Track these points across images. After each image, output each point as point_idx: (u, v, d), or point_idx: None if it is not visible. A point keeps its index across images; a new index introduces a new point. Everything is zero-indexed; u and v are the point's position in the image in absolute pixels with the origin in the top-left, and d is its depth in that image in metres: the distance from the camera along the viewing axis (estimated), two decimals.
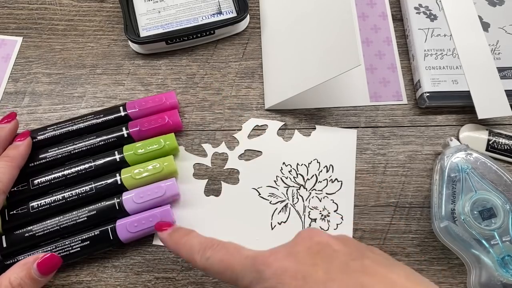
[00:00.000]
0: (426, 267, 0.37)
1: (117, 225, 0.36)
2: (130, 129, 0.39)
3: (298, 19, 0.43)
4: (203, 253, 0.29)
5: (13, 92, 0.43)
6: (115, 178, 0.37)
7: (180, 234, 0.32)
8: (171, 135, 0.39)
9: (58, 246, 0.35)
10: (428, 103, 0.41)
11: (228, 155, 0.41)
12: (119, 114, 0.40)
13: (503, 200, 0.35)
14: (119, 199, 0.36)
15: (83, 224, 0.36)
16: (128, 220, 0.36)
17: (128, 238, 0.36)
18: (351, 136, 0.41)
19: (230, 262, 0.28)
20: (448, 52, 0.42)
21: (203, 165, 0.40)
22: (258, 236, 0.38)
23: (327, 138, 0.41)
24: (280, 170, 0.40)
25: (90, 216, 0.36)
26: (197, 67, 0.44)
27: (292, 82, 0.41)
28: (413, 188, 0.40)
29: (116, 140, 0.39)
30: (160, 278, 0.37)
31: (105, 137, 0.39)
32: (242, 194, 0.39)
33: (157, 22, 0.44)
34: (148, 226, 0.36)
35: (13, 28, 0.46)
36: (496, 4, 0.45)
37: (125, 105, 0.40)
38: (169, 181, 0.37)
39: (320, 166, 0.40)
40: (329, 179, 0.40)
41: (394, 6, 0.47)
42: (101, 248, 0.36)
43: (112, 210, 0.36)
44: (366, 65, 0.44)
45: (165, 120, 0.39)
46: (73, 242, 0.35)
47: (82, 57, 0.45)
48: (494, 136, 0.40)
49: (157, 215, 0.36)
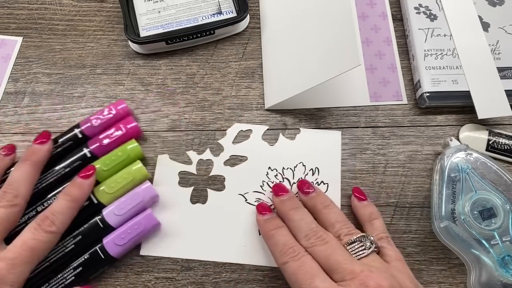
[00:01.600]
0: (426, 267, 0.37)
1: (104, 242, 0.35)
2: (91, 147, 0.38)
3: (298, 19, 0.43)
4: (283, 256, 0.32)
5: (13, 92, 0.43)
6: (91, 199, 0.36)
7: (272, 224, 0.35)
8: (132, 141, 0.39)
9: (51, 282, 0.34)
10: (428, 103, 0.41)
11: (213, 162, 0.40)
12: (75, 134, 0.39)
13: (503, 200, 0.35)
14: (100, 215, 0.36)
15: (72, 252, 0.35)
16: (114, 234, 0.36)
17: (119, 252, 0.35)
18: (336, 138, 0.41)
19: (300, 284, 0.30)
20: (448, 52, 0.42)
21: (188, 173, 0.40)
22: (245, 242, 0.38)
23: (312, 141, 0.41)
24: (266, 174, 0.40)
25: (76, 243, 0.35)
26: (197, 67, 0.44)
27: (292, 82, 0.41)
28: (413, 188, 0.40)
29: (81, 162, 0.38)
30: (160, 278, 0.37)
31: (68, 162, 0.38)
32: (229, 201, 0.39)
33: (157, 22, 0.44)
34: (136, 234, 0.35)
35: (13, 28, 0.46)
36: (496, 4, 0.45)
37: (79, 125, 0.39)
38: (144, 185, 0.37)
39: (306, 169, 0.40)
40: (315, 181, 0.40)
41: (394, 6, 0.47)
42: (95, 271, 0.36)
43: (96, 228, 0.36)
44: (366, 65, 0.44)
45: (122, 130, 0.39)
46: (66, 273, 0.35)
47: (82, 57, 0.45)
48: (494, 136, 0.40)
49: (142, 221, 0.36)
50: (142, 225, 0.36)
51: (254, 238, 0.38)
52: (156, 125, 0.42)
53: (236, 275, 0.37)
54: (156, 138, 0.41)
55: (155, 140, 0.41)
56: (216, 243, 0.38)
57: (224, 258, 0.37)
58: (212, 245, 0.38)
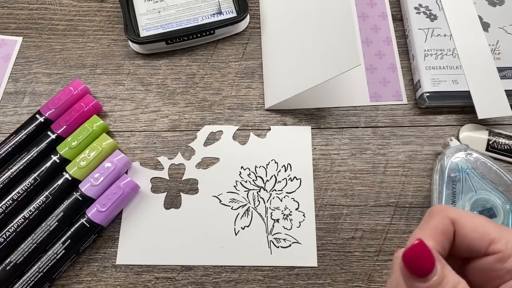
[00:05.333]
0: None
1: (87, 212, 0.36)
2: (55, 130, 0.39)
3: (298, 19, 0.43)
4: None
5: (13, 92, 0.43)
6: (65, 177, 0.37)
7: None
8: (94, 117, 0.40)
9: (43, 261, 0.35)
10: (428, 103, 0.41)
11: (185, 166, 0.40)
12: (39, 121, 0.40)
13: (503, 200, 0.35)
14: (78, 190, 0.37)
15: (58, 230, 0.36)
16: (95, 203, 0.37)
17: (103, 219, 0.36)
18: (306, 133, 0.41)
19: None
20: (448, 52, 0.42)
21: (161, 179, 0.40)
22: (222, 243, 0.38)
23: (282, 138, 0.41)
24: (239, 174, 0.40)
25: (59, 220, 0.36)
26: (197, 67, 0.44)
27: (292, 82, 0.41)
28: (413, 188, 0.40)
29: (47, 146, 0.39)
30: (160, 278, 0.37)
31: (36, 148, 0.39)
32: (203, 203, 0.39)
33: (157, 22, 0.44)
34: (117, 198, 0.37)
35: (13, 28, 0.46)
36: (496, 4, 0.45)
37: (40, 111, 0.40)
38: (114, 154, 0.39)
39: (278, 166, 0.40)
40: (288, 178, 0.40)
41: (394, 6, 0.47)
42: (84, 241, 0.36)
43: (77, 203, 0.37)
44: (366, 65, 0.44)
45: (83, 108, 0.40)
46: (56, 249, 0.35)
47: (82, 57, 0.45)
48: (494, 136, 0.40)
49: (120, 186, 0.37)
50: (121, 188, 0.37)
51: (230, 239, 0.38)
52: (156, 125, 0.42)
53: (236, 275, 0.37)
54: (156, 138, 0.41)
55: (155, 140, 0.41)
56: (192, 247, 0.38)
57: (202, 261, 0.37)
58: (189, 249, 0.38)
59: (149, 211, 0.39)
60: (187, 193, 0.40)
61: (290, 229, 0.38)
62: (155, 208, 0.39)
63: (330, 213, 0.39)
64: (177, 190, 0.40)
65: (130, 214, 0.39)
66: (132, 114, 0.42)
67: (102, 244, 0.38)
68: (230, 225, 0.38)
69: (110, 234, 0.38)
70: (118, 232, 0.38)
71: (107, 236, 0.38)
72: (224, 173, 0.40)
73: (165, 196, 0.39)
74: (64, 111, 0.41)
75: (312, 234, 0.38)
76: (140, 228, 0.38)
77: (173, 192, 0.40)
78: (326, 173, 0.40)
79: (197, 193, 0.40)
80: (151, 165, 0.40)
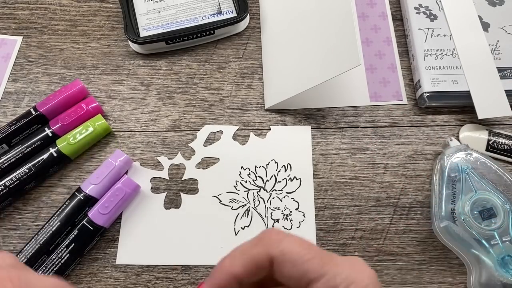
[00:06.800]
0: (426, 267, 0.37)
1: (89, 214, 0.36)
2: (52, 127, 0.39)
3: (298, 19, 0.43)
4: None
5: (13, 92, 0.43)
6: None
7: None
8: (98, 116, 0.40)
9: (48, 264, 0.35)
10: (428, 103, 0.41)
11: (185, 166, 0.40)
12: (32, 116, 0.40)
13: (503, 200, 0.35)
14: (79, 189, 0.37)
15: (61, 231, 0.36)
16: (97, 205, 0.37)
17: (105, 221, 0.36)
18: (306, 133, 0.41)
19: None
20: (448, 52, 0.42)
21: (161, 179, 0.40)
22: (222, 243, 0.38)
23: (282, 138, 0.41)
24: (239, 174, 0.40)
25: (62, 220, 0.36)
26: (197, 67, 0.44)
27: (292, 82, 0.41)
28: (413, 188, 0.40)
29: (43, 141, 0.39)
30: (160, 278, 0.37)
31: (31, 141, 0.39)
32: (203, 203, 0.39)
33: (157, 22, 0.44)
34: (119, 200, 0.37)
35: (13, 28, 0.46)
36: (496, 4, 0.45)
37: (36, 107, 0.40)
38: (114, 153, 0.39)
39: (278, 166, 0.40)
40: (288, 178, 0.40)
41: (394, 6, 0.47)
42: (88, 243, 0.36)
43: (79, 202, 0.37)
44: (366, 65, 0.44)
45: (84, 109, 0.40)
46: (60, 252, 0.35)
47: (82, 57, 0.45)
48: (494, 136, 0.40)
49: (121, 187, 0.37)
50: (123, 190, 0.37)
51: (230, 239, 0.38)
52: (156, 125, 0.42)
53: None
54: (156, 138, 0.41)
55: (155, 140, 0.41)
56: (192, 247, 0.38)
57: (202, 261, 0.37)
58: (189, 249, 0.38)
59: (149, 211, 0.39)
60: (187, 193, 0.40)
61: (290, 229, 0.38)
62: (155, 208, 0.39)
63: (330, 213, 0.39)
64: (177, 190, 0.40)
65: (130, 214, 0.39)
66: (132, 114, 0.42)
67: (102, 244, 0.38)
68: (230, 225, 0.38)
69: (110, 234, 0.38)
70: (118, 232, 0.38)
71: (107, 236, 0.38)
72: (224, 173, 0.40)
73: (165, 196, 0.39)
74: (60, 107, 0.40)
75: (312, 234, 0.38)
76: (140, 228, 0.38)
77: (173, 192, 0.40)
78: (326, 173, 0.40)
79: (197, 193, 0.39)
80: (151, 165, 0.40)
